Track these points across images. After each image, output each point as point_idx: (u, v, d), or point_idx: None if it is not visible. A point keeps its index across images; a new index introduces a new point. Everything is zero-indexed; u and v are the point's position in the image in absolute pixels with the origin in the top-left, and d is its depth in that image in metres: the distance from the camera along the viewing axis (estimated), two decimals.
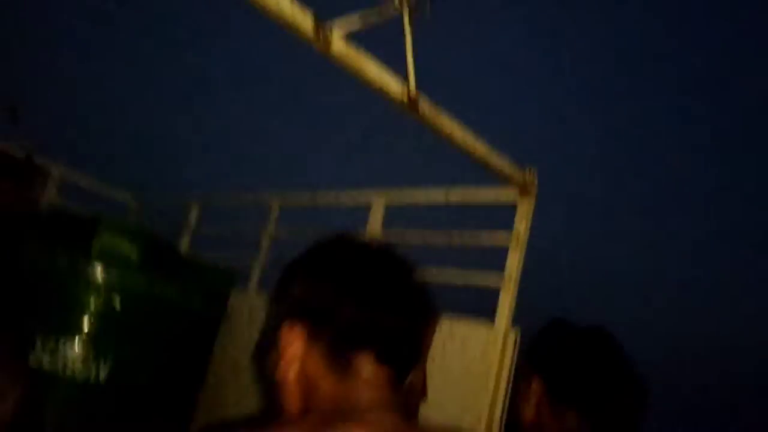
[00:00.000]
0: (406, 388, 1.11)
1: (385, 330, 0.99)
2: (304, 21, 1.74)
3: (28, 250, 2.32)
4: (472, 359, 2.37)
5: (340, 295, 0.99)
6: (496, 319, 2.37)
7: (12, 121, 3.62)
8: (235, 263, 3.20)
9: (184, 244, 3.69)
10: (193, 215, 3.90)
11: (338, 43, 1.83)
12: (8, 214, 2.56)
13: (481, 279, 2.42)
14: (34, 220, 2.60)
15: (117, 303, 2.30)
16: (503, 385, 2.31)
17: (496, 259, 2.53)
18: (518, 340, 2.38)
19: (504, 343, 2.31)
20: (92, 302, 2.28)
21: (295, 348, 0.98)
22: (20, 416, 1.29)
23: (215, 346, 2.93)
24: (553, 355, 1.54)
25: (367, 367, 0.97)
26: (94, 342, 2.27)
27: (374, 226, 2.95)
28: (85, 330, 2.28)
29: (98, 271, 2.27)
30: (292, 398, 1.00)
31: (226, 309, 2.93)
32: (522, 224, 2.34)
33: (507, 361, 2.31)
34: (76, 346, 2.25)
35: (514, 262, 2.33)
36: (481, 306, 2.62)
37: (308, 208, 3.29)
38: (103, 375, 2.28)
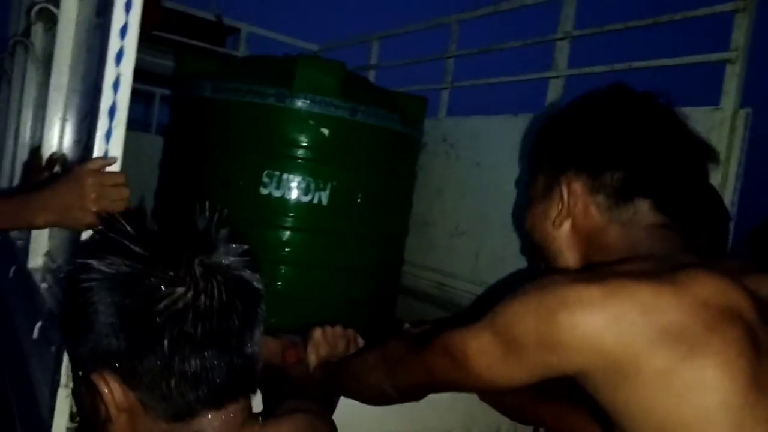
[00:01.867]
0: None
1: (669, 181, 0.94)
2: None
3: (232, 90, 2.48)
4: None
5: (623, 147, 0.94)
6: (722, 100, 2.13)
7: None
8: (422, 93, 3.20)
9: (371, 78, 3.74)
10: (375, 50, 3.94)
11: None
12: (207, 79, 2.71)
13: (702, 58, 2.16)
14: (236, 66, 2.76)
15: (326, 131, 2.42)
16: (733, 172, 2.12)
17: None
18: (749, 121, 2.14)
19: (732, 125, 2.09)
20: (303, 133, 2.43)
21: (574, 201, 0.95)
22: None
23: (418, 170, 3.03)
24: None
25: (650, 213, 0.94)
26: (311, 169, 2.44)
27: (566, 23, 2.73)
28: (302, 159, 2.44)
29: (304, 103, 2.38)
30: (565, 251, 0.98)
31: (422, 133, 2.98)
32: None
33: (737, 144, 2.10)
34: (297, 175, 2.44)
35: (741, 29, 2.02)
36: (699, 97, 2.37)
37: (491, 16, 3.12)
38: (324, 198, 2.47)
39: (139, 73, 1.30)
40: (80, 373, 0.78)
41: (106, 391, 0.72)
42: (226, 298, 0.73)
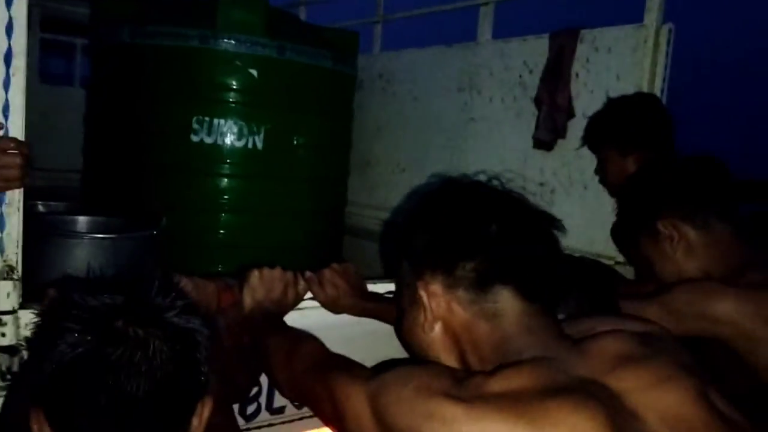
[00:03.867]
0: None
1: (524, 262, 0.92)
2: None
3: (152, 34, 2.37)
4: (621, 67, 2.21)
5: (471, 238, 0.91)
6: (645, 16, 2.15)
7: None
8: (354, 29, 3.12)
9: (301, 15, 3.64)
10: None
11: None
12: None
13: None
14: (156, 8, 2.63)
15: (254, 72, 2.35)
16: (658, 87, 2.16)
17: None
18: (672, 37, 2.17)
19: (656, 42, 2.12)
20: (231, 75, 2.35)
21: (436, 304, 0.93)
22: None
23: (356, 109, 2.99)
24: None
25: (513, 300, 0.91)
26: (242, 112, 2.38)
27: None
28: (232, 103, 2.38)
29: (229, 43, 2.30)
30: (441, 354, 0.96)
31: (356, 70, 2.92)
32: None
33: (660, 61, 2.13)
34: (228, 119, 2.37)
35: None
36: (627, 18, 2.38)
37: None
38: (259, 142, 2.42)
39: (56, 23, 1.22)
40: None
41: (35, 425, 0.79)
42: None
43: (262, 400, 1.44)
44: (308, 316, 1.40)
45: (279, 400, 1.45)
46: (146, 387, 0.76)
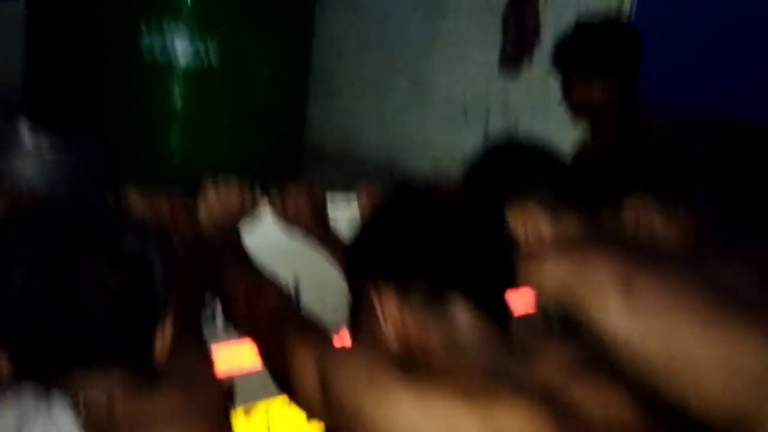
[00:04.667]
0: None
1: (474, 269, 0.94)
2: None
3: None
4: None
5: (417, 249, 0.94)
6: None
7: None
8: None
9: None
10: None
11: None
12: None
13: None
14: None
15: None
16: (627, 8, 2.13)
17: None
18: None
19: None
20: None
21: (389, 313, 0.94)
22: None
23: (315, 27, 2.87)
24: None
25: (463, 309, 0.93)
26: (196, 28, 2.26)
27: None
28: (184, 13, 2.25)
29: None
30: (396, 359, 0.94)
31: None
32: None
33: None
34: (181, 32, 2.24)
35: None
36: None
37: None
38: (214, 61, 2.31)
39: None
40: None
41: None
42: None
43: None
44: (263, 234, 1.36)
45: None
46: (101, 317, 0.75)
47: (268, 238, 1.32)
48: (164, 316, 0.81)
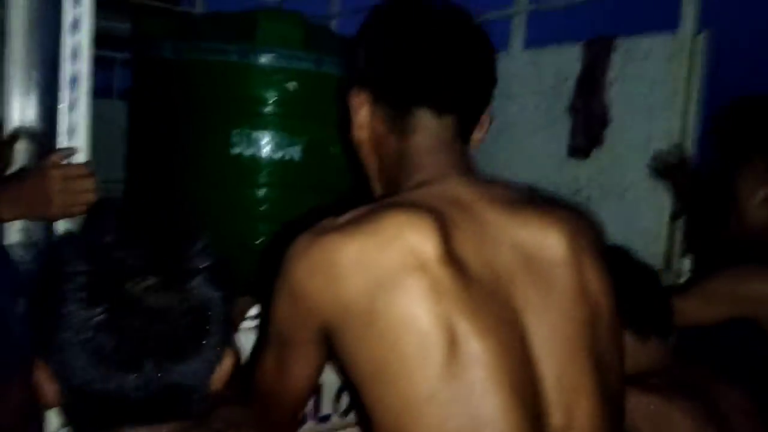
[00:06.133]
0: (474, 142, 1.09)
1: (440, 82, 1.00)
2: None
3: (192, 50, 2.43)
4: (656, 75, 2.22)
5: (394, 56, 1.01)
6: (680, 24, 2.15)
7: None
8: None
9: (333, 27, 3.69)
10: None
11: None
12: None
13: None
14: (196, 24, 2.70)
15: (292, 85, 2.40)
16: (694, 96, 2.16)
17: None
18: (708, 45, 2.17)
19: (692, 49, 2.12)
20: (270, 88, 2.40)
21: (363, 112, 1.06)
22: None
23: None
24: None
25: (427, 121, 1.01)
26: (281, 125, 2.43)
27: None
28: (270, 115, 2.43)
29: (268, 57, 2.36)
30: (369, 158, 1.10)
31: None
32: None
33: (696, 70, 2.13)
34: (267, 132, 2.42)
35: None
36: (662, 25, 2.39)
37: None
38: (296, 154, 2.47)
39: (97, 39, 1.29)
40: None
41: (38, 378, 0.79)
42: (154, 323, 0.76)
43: (309, 408, 1.48)
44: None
45: (326, 408, 1.49)
46: (162, 364, 0.76)
47: None
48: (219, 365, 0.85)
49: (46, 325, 0.76)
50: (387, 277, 0.86)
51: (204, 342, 0.80)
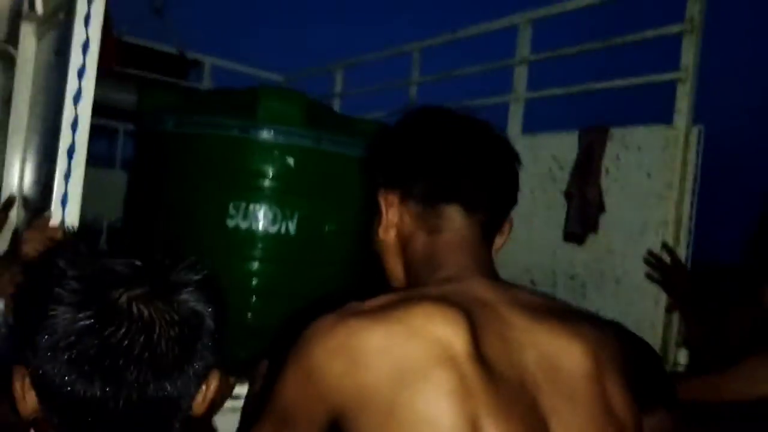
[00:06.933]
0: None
1: (471, 179, 1.03)
2: None
3: (195, 124, 2.48)
4: (651, 165, 2.25)
5: (424, 159, 1.04)
6: (675, 118, 2.20)
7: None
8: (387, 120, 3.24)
9: (335, 106, 3.78)
10: (339, 79, 3.97)
11: None
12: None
13: (653, 78, 2.24)
14: (199, 99, 2.76)
15: (291, 162, 2.43)
16: (689, 187, 2.19)
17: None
18: (701, 139, 2.21)
19: (686, 142, 2.16)
20: (268, 164, 2.43)
21: (392, 212, 1.05)
22: None
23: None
24: None
25: (456, 218, 1.01)
26: (277, 199, 2.44)
27: (523, 49, 2.80)
28: (268, 189, 2.45)
29: (268, 133, 2.40)
30: (393, 255, 1.08)
31: None
32: (695, 6, 2.08)
33: (691, 160, 2.16)
34: (263, 205, 2.43)
35: (689, 50, 2.10)
36: (655, 116, 2.45)
37: (451, 44, 3.19)
38: (292, 228, 2.47)
39: (103, 109, 1.32)
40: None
41: (18, 385, 0.78)
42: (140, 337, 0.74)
43: None
44: None
45: None
46: (145, 376, 0.74)
47: None
48: (208, 376, 0.84)
49: (31, 327, 0.74)
50: (413, 368, 0.83)
51: (189, 357, 0.78)
